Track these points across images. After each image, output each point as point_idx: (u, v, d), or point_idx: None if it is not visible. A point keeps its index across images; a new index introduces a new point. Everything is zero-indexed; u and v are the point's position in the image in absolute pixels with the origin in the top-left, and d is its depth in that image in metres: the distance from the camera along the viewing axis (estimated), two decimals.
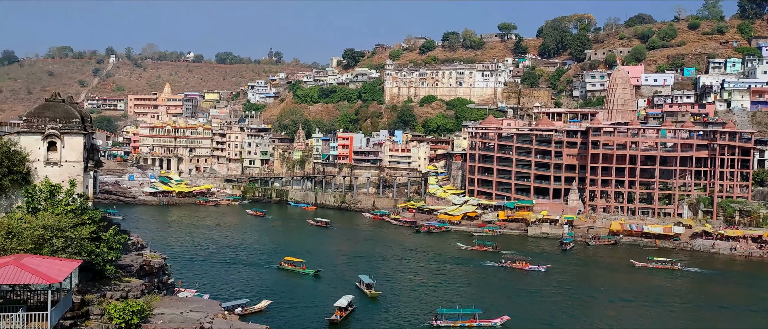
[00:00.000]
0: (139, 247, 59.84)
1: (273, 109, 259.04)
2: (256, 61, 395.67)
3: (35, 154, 49.04)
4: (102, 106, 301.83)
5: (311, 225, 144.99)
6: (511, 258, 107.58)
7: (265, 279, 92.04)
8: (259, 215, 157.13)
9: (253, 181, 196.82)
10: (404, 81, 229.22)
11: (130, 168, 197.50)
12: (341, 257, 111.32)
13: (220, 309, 52.62)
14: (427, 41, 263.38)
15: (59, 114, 50.30)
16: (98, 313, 40.60)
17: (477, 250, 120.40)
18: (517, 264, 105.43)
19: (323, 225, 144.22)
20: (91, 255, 41.82)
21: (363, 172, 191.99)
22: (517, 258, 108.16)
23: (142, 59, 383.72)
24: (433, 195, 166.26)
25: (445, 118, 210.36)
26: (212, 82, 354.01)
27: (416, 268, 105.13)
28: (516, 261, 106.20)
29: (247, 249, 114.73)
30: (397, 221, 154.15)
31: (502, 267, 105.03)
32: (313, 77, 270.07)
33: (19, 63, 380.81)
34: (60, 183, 47.72)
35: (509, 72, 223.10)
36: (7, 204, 47.56)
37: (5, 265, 30.98)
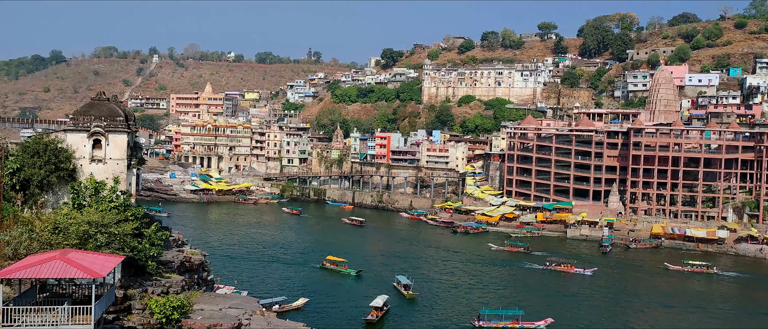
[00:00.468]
0: (180, 244, 60.87)
1: (311, 108, 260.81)
2: (296, 60, 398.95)
3: (81, 151, 50.19)
4: (145, 105, 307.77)
5: (346, 224, 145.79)
6: (556, 261, 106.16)
7: (302, 277, 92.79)
8: (294, 213, 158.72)
9: (292, 180, 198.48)
10: (442, 81, 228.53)
11: (172, 166, 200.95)
12: (378, 257, 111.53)
13: (258, 306, 53.32)
14: (466, 41, 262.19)
15: (104, 112, 51.42)
16: (140, 308, 41.47)
17: (508, 251, 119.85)
18: (563, 267, 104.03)
19: (358, 224, 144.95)
20: (134, 251, 42.69)
21: (400, 172, 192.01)
22: (562, 261, 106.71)
23: (184, 59, 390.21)
24: (471, 195, 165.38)
25: (483, 118, 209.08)
26: (252, 82, 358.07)
27: (453, 269, 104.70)
28: (561, 264, 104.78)
29: (284, 247, 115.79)
30: (434, 221, 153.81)
31: (546, 269, 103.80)
32: (352, 77, 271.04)
33: (66, 63, 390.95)
34: (104, 180, 48.84)
35: (549, 72, 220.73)
36: (54, 200, 48.83)
37: (52, 260, 31.83)
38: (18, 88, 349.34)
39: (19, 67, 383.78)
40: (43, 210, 47.58)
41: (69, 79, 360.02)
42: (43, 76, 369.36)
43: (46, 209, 47.78)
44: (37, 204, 48.16)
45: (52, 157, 48.07)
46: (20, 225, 41.04)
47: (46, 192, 48.67)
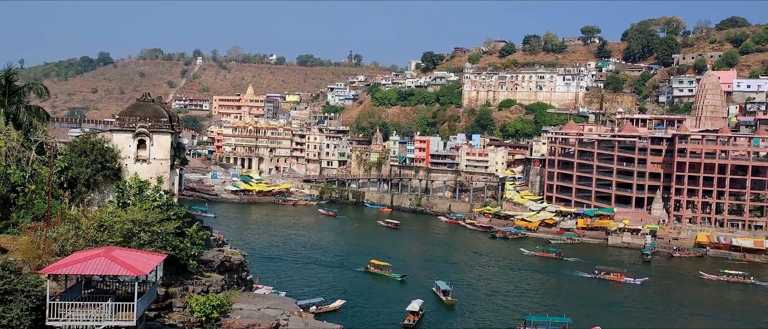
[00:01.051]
0: (220, 244, 61.69)
1: (351, 111, 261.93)
2: (336, 63, 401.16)
3: (126, 151, 51.31)
4: (188, 106, 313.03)
5: (382, 227, 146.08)
6: (606, 270, 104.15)
7: (339, 279, 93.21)
8: (330, 215, 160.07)
9: (331, 182, 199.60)
10: (483, 84, 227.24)
11: (214, 166, 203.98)
12: (416, 260, 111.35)
13: (295, 306, 53.75)
14: (507, 44, 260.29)
15: (149, 113, 52.48)
16: (180, 306, 42.17)
17: (540, 256, 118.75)
18: (612, 275, 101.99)
19: (393, 226, 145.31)
20: (176, 250, 43.41)
21: (439, 176, 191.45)
22: (611, 269, 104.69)
23: (227, 61, 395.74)
24: (510, 200, 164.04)
25: (524, 122, 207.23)
26: (293, 84, 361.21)
27: (492, 274, 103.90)
28: (610, 273, 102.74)
29: (322, 248, 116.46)
30: (472, 226, 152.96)
31: (595, 278, 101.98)
32: (392, 80, 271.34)
33: (113, 64, 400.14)
34: (148, 179, 49.86)
35: (592, 76, 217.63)
36: (100, 198, 49.99)
37: (97, 256, 32.55)
38: (67, 88, 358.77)
39: (69, 68, 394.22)
40: (89, 208, 48.75)
41: (116, 81, 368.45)
42: (91, 77, 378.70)
43: (92, 207, 48.95)
44: (84, 202, 49.36)
45: (98, 156, 49.20)
46: (67, 222, 42.13)
47: (93, 190, 49.84)
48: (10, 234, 42.56)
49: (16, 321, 29.99)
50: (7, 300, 30.35)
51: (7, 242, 40.51)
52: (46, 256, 37.88)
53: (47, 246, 38.90)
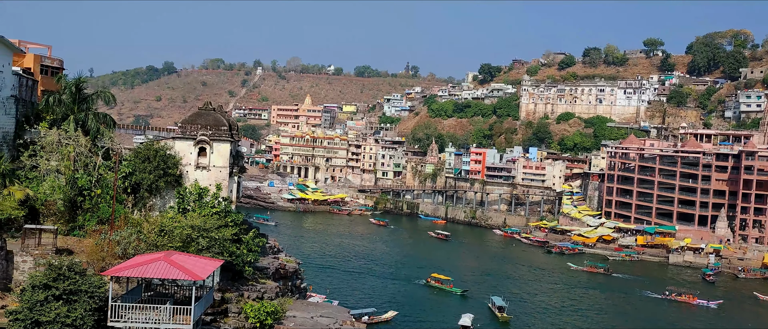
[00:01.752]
0: (276, 251, 62.52)
1: (407, 122, 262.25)
2: (393, 74, 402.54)
3: (187, 158, 52.63)
4: (248, 115, 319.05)
5: (432, 238, 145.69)
6: (677, 291, 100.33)
7: (391, 290, 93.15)
8: (381, 224, 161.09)
9: (386, 193, 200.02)
10: (541, 97, 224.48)
11: (271, 174, 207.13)
12: (470, 274, 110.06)
13: (348, 316, 53.91)
14: (566, 57, 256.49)
15: (210, 122, 53.75)
16: (236, 312, 42.87)
17: (588, 271, 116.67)
18: (684, 297, 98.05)
19: (443, 237, 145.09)
20: (232, 256, 44.19)
21: (495, 189, 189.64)
22: (683, 290, 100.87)
23: (286, 71, 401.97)
24: (567, 215, 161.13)
25: (582, 136, 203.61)
26: (350, 95, 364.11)
27: (548, 290, 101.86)
28: (682, 294, 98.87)
29: (375, 259, 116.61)
30: (527, 240, 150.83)
31: (665, 298, 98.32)
32: (448, 91, 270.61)
33: (177, 73, 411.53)
34: (207, 186, 51.02)
35: (654, 90, 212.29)
36: (161, 203, 51.40)
37: (157, 260, 33.47)
38: (133, 96, 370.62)
39: (135, 77, 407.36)
40: (151, 212, 50.17)
41: (179, 89, 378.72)
42: (155, 86, 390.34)
43: (153, 212, 50.36)
44: (146, 207, 50.83)
45: (161, 163, 50.61)
46: (130, 226, 43.48)
47: (155, 195, 51.30)
48: (77, 237, 44.18)
49: (79, 320, 31.08)
50: (72, 300, 31.49)
51: (73, 244, 42.08)
52: (110, 259, 39.17)
53: (110, 248, 40.20)
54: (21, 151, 50.06)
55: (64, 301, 31.24)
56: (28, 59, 59.73)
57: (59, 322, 30.64)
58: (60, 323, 30.65)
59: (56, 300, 31.14)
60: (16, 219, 40.39)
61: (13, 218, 40.19)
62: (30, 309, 30.80)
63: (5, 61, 50.41)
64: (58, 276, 31.74)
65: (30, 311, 30.73)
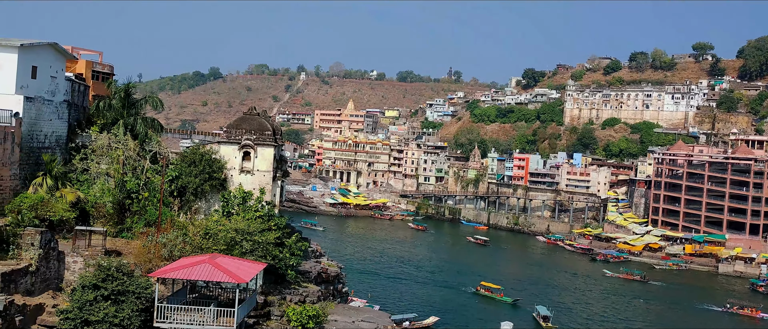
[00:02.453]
0: (318, 255, 62.91)
1: (450, 127, 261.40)
2: (436, 79, 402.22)
3: (232, 162, 53.44)
4: (291, 120, 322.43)
5: (471, 243, 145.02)
6: (739, 304, 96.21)
7: (432, 295, 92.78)
8: (420, 229, 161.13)
9: (427, 198, 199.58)
10: (586, 102, 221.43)
11: (313, 179, 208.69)
12: (513, 281, 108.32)
13: (389, 321, 54.00)
14: (612, 62, 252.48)
15: (254, 126, 54.49)
16: (278, 315, 43.29)
17: (624, 278, 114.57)
18: (746, 310, 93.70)
19: (482, 243, 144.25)
20: (275, 260, 44.64)
21: (538, 195, 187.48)
22: (745, 303, 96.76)
23: (328, 77, 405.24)
24: (613, 222, 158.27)
25: (628, 142, 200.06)
26: (392, 100, 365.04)
27: (594, 299, 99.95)
28: (744, 307, 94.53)
29: (416, 264, 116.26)
30: (571, 247, 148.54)
31: (725, 312, 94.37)
32: (491, 97, 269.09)
33: (222, 79, 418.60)
34: (251, 190, 51.71)
35: (703, 95, 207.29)
36: (206, 207, 52.28)
37: (202, 263, 34.05)
38: (180, 101, 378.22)
39: (182, 82, 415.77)
40: (196, 216, 51.06)
41: (224, 94, 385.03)
42: (202, 91, 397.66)
43: (198, 215, 51.24)
44: (192, 210, 51.75)
45: (206, 167, 51.50)
46: (176, 229, 44.32)
47: (200, 199, 52.20)
48: (125, 238, 45.23)
49: (127, 320, 31.82)
50: (120, 300, 32.26)
51: (121, 245, 43.09)
52: (156, 260, 39.97)
53: (157, 250, 41.03)
54: (73, 154, 51.51)
55: (112, 301, 32.03)
56: (80, 65, 61.47)
57: (107, 322, 31.41)
58: (108, 323, 31.42)
59: (105, 300, 31.94)
60: (68, 221, 41.53)
61: (65, 220, 41.34)
62: (80, 308, 31.65)
63: (59, 67, 52.00)
64: (107, 276, 32.57)
65: (80, 310, 31.59)
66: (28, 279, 34.90)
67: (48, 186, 43.37)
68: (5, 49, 46.10)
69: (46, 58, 49.93)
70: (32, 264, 35.27)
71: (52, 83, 50.90)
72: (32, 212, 39.45)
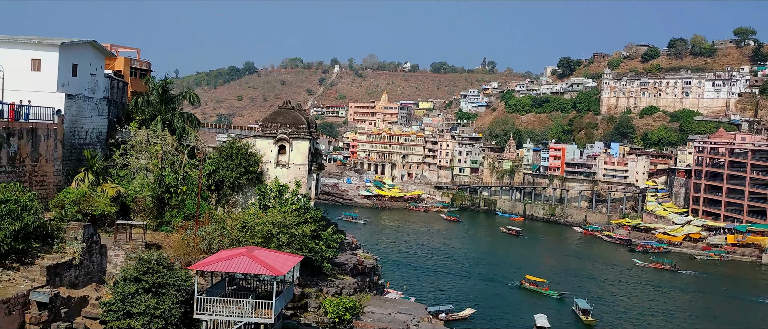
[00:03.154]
0: (354, 247, 63.26)
1: (484, 118, 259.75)
2: (470, 70, 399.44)
3: (267, 156, 53.96)
4: (325, 113, 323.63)
5: (503, 233, 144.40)
6: None
7: (469, 287, 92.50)
8: (452, 220, 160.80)
9: (462, 189, 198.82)
10: (623, 90, 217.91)
11: (348, 171, 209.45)
12: (549, 273, 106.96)
13: (425, 312, 54.09)
14: (650, 49, 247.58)
15: (289, 120, 54.91)
16: (315, 306, 43.70)
17: (654, 268, 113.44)
18: None
19: (514, 233, 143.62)
20: (312, 252, 45.03)
21: (575, 185, 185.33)
22: None
23: (362, 69, 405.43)
24: (652, 212, 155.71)
25: (667, 130, 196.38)
26: (426, 91, 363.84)
27: (634, 291, 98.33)
28: None
29: (451, 255, 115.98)
30: (609, 238, 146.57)
31: None
32: (526, 86, 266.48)
33: (257, 73, 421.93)
34: (287, 183, 52.14)
35: (745, 81, 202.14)
36: (243, 200, 52.92)
37: (240, 256, 34.48)
38: (216, 96, 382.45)
39: (218, 77, 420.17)
40: (233, 209, 51.73)
41: (259, 88, 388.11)
42: (237, 86, 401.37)
43: (235, 208, 51.90)
44: (229, 204, 52.45)
45: (242, 161, 52.11)
46: (214, 222, 44.97)
47: (237, 192, 52.86)
48: (164, 232, 46.04)
49: (167, 312, 32.42)
50: (161, 292, 32.87)
51: (161, 239, 43.88)
52: (195, 253, 40.64)
53: (196, 243, 41.70)
54: (113, 150, 52.57)
55: (153, 294, 32.66)
56: (118, 62, 62.63)
57: (149, 314, 32.04)
58: (149, 315, 32.05)
59: (146, 292, 32.58)
60: (109, 215, 42.43)
61: (107, 214, 42.24)
62: (122, 300, 32.35)
63: (98, 64, 53.03)
64: (148, 269, 33.20)
65: (122, 303, 32.29)
66: (73, 272, 35.78)
67: (90, 181, 44.32)
68: (47, 48, 47.21)
69: (86, 56, 50.97)
70: (76, 257, 36.13)
71: (92, 81, 51.95)
72: (75, 207, 40.37)
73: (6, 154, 38.88)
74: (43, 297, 32.07)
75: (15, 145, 39.83)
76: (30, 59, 46.98)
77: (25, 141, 40.78)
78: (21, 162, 40.44)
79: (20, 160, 40.37)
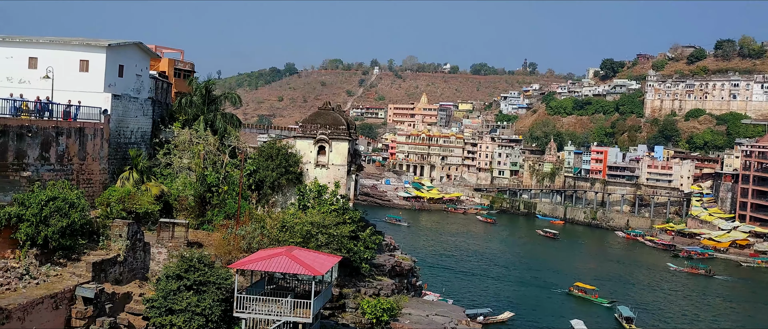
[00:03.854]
0: (392, 248, 63.21)
1: (525, 120, 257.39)
2: (510, 72, 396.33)
3: (307, 156, 54.33)
4: (365, 114, 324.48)
5: (540, 236, 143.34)
6: None
7: (507, 291, 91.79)
8: (489, 222, 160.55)
9: (502, 192, 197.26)
10: (668, 93, 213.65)
11: (387, 173, 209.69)
12: (591, 279, 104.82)
13: (463, 315, 53.74)
14: (696, 50, 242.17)
15: (329, 121, 55.21)
16: (353, 307, 43.81)
17: (688, 272, 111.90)
18: None
19: (551, 236, 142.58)
20: (350, 253, 45.12)
21: (617, 189, 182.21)
22: None
23: (402, 70, 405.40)
24: (696, 217, 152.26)
25: (714, 133, 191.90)
26: (466, 93, 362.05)
27: (680, 298, 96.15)
28: None
29: (490, 259, 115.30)
30: (652, 243, 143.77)
31: None
32: (568, 88, 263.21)
33: (298, 74, 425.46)
34: (326, 184, 52.44)
35: None
36: (283, 200, 53.39)
37: (279, 255, 34.77)
38: (257, 97, 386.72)
39: (259, 78, 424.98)
40: (273, 209, 52.21)
41: (299, 89, 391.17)
42: (278, 87, 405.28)
43: (275, 208, 52.39)
44: (269, 204, 52.96)
45: (282, 161, 52.56)
46: (254, 221, 45.43)
47: (277, 192, 53.35)
48: (206, 231, 46.70)
49: (208, 310, 32.89)
50: (202, 290, 33.37)
51: (202, 237, 44.52)
52: (235, 252, 41.12)
53: (236, 243, 42.19)
54: (157, 149, 53.57)
55: (194, 291, 33.15)
56: (163, 63, 63.83)
57: (190, 311, 32.54)
58: (191, 312, 32.55)
59: (187, 290, 33.10)
60: (153, 213, 43.20)
61: (150, 212, 43.02)
62: (164, 297, 32.92)
63: (143, 65, 54.13)
64: (189, 267, 33.72)
65: (164, 300, 32.86)
66: (117, 269, 36.56)
67: (134, 180, 45.20)
68: (94, 49, 48.37)
69: (132, 57, 52.08)
70: (120, 254, 36.91)
71: (137, 81, 53.05)
72: (120, 205, 41.22)
73: (55, 152, 39.95)
74: (88, 292, 32.84)
75: (63, 144, 40.89)
76: (78, 60, 48.21)
77: (73, 140, 41.82)
78: (69, 160, 41.49)
79: (68, 158, 41.42)
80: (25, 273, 32.86)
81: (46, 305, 31.13)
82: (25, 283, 32.25)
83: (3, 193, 34.72)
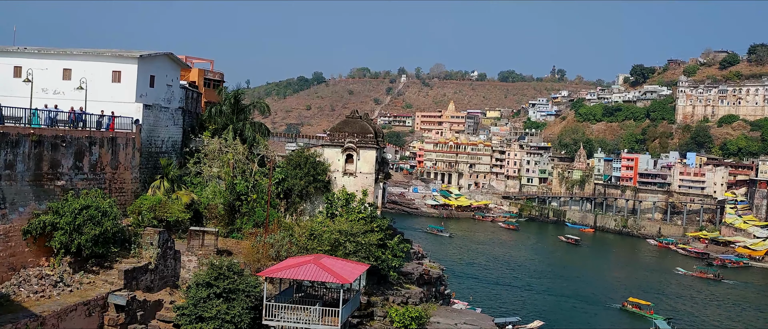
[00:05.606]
0: (420, 256, 63.01)
1: (553, 127, 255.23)
2: (539, 78, 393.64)
3: (335, 164, 54.52)
4: (392, 122, 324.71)
5: (562, 242, 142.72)
6: None
7: (536, 300, 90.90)
8: (512, 228, 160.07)
9: (531, 199, 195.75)
10: (700, 99, 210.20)
11: (415, 180, 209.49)
12: (621, 289, 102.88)
13: (492, 324, 53.31)
14: (729, 55, 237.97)
15: (356, 129, 55.37)
16: (381, 315, 43.72)
17: (697, 277, 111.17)
18: None
19: (573, 242, 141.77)
20: (378, 261, 45.06)
21: (648, 196, 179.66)
22: None
23: (429, 78, 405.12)
24: (731, 225, 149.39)
25: (748, 139, 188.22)
26: (494, 100, 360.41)
27: (714, 308, 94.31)
28: None
29: (518, 266, 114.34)
30: (685, 251, 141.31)
31: None
32: (597, 95, 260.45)
33: (325, 83, 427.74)
34: (354, 192, 52.55)
35: None
36: (311, 208, 53.61)
37: (307, 263, 34.93)
38: (285, 106, 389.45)
39: (287, 87, 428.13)
40: (302, 217, 52.46)
41: (327, 98, 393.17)
42: (306, 95, 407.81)
43: (303, 216, 52.62)
44: (297, 212, 53.22)
45: (311, 169, 52.81)
46: (282, 229, 45.70)
47: (305, 200, 53.60)
48: (235, 239, 47.11)
49: (237, 318, 33.11)
50: (231, 298, 33.62)
51: (232, 245, 44.92)
52: (264, 260, 41.39)
53: (265, 250, 42.48)
54: (187, 158, 54.22)
55: (224, 299, 33.42)
56: (193, 73, 64.65)
57: (219, 319, 32.80)
58: (220, 319, 32.80)
59: (217, 297, 33.38)
60: (183, 222, 43.70)
61: (181, 220, 43.53)
62: (194, 305, 33.24)
63: (174, 75, 54.91)
64: (219, 275, 34.02)
65: (194, 307, 33.17)
66: (148, 277, 37.05)
67: (165, 188, 45.79)
68: (126, 60, 49.23)
69: (163, 67, 52.86)
70: (151, 262, 37.40)
71: (168, 91, 53.82)
72: (151, 213, 41.78)
73: (88, 161, 40.67)
74: (120, 300, 33.33)
75: (96, 153, 41.62)
76: (111, 71, 49.08)
77: (105, 149, 42.55)
78: (101, 169, 42.21)
79: (101, 167, 42.14)
80: (59, 280, 33.46)
81: (80, 312, 31.67)
82: (59, 290, 32.85)
83: (38, 202, 35.42)
